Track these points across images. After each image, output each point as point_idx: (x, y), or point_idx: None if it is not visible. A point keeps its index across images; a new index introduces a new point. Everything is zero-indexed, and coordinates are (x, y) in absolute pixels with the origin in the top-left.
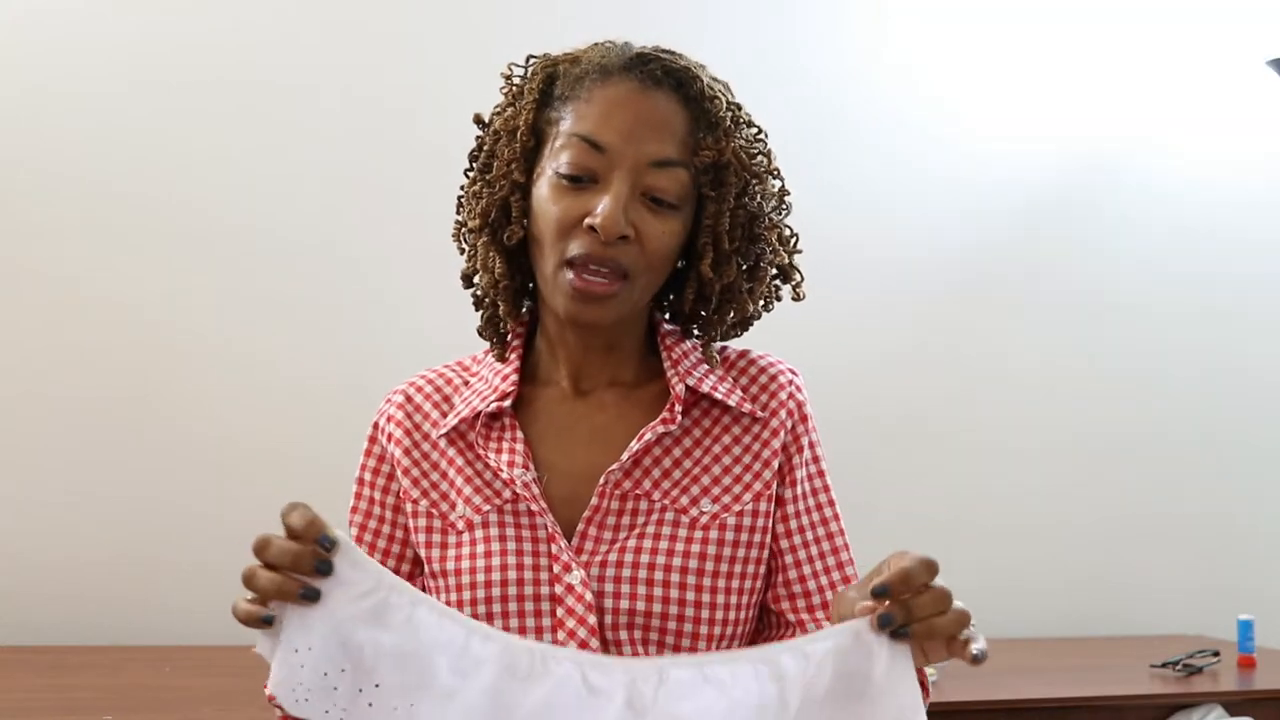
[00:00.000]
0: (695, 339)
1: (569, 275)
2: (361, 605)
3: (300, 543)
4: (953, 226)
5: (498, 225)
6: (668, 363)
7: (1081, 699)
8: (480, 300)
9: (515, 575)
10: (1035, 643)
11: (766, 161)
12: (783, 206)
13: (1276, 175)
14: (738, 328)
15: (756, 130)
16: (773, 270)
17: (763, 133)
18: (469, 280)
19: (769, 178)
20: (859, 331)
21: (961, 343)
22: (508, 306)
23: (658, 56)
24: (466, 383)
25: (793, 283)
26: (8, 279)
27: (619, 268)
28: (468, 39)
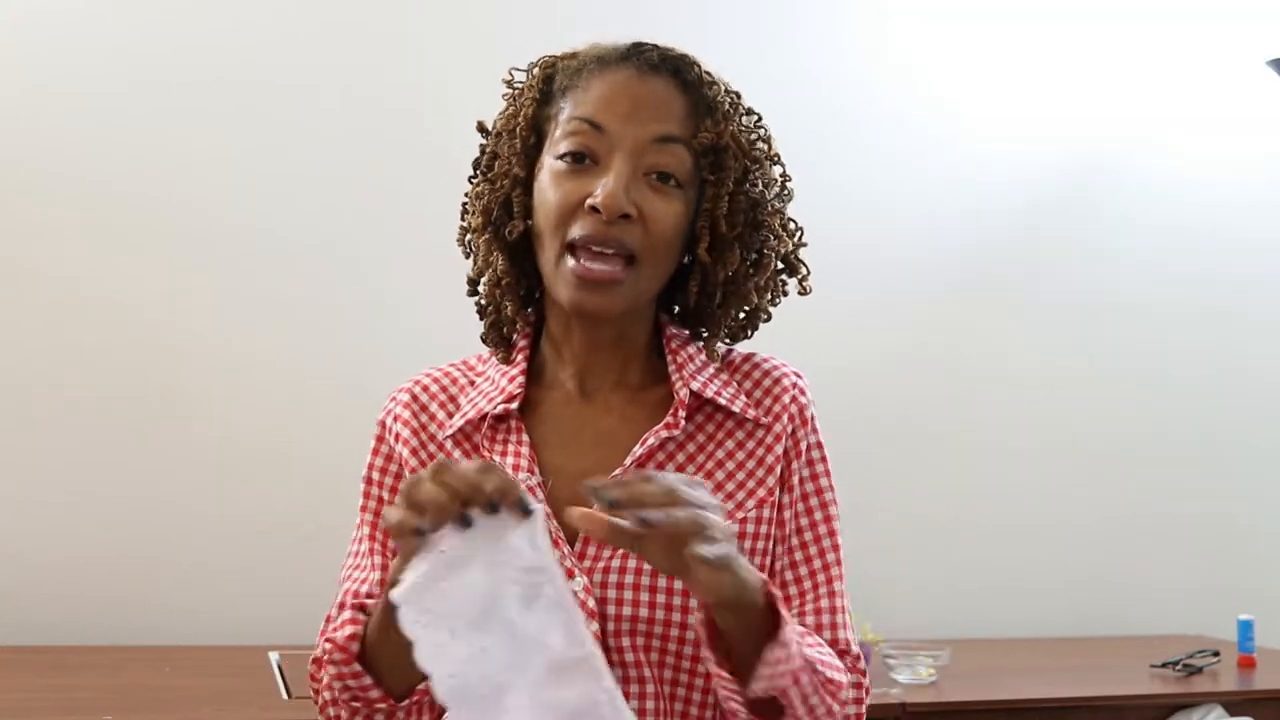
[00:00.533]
0: (702, 339)
1: (571, 263)
2: (518, 579)
3: (500, 502)
4: (953, 226)
5: (500, 222)
6: (672, 367)
7: (1081, 699)
8: (484, 308)
9: None
10: (1035, 643)
11: (767, 148)
12: (785, 193)
13: (1276, 175)
14: (746, 326)
15: (756, 117)
16: (777, 262)
17: (761, 119)
18: (474, 285)
19: (769, 163)
20: (859, 331)
21: (961, 343)
22: (514, 306)
23: (655, 45)
24: (472, 383)
25: (799, 276)
26: (8, 279)
27: (623, 248)
28: (468, 39)
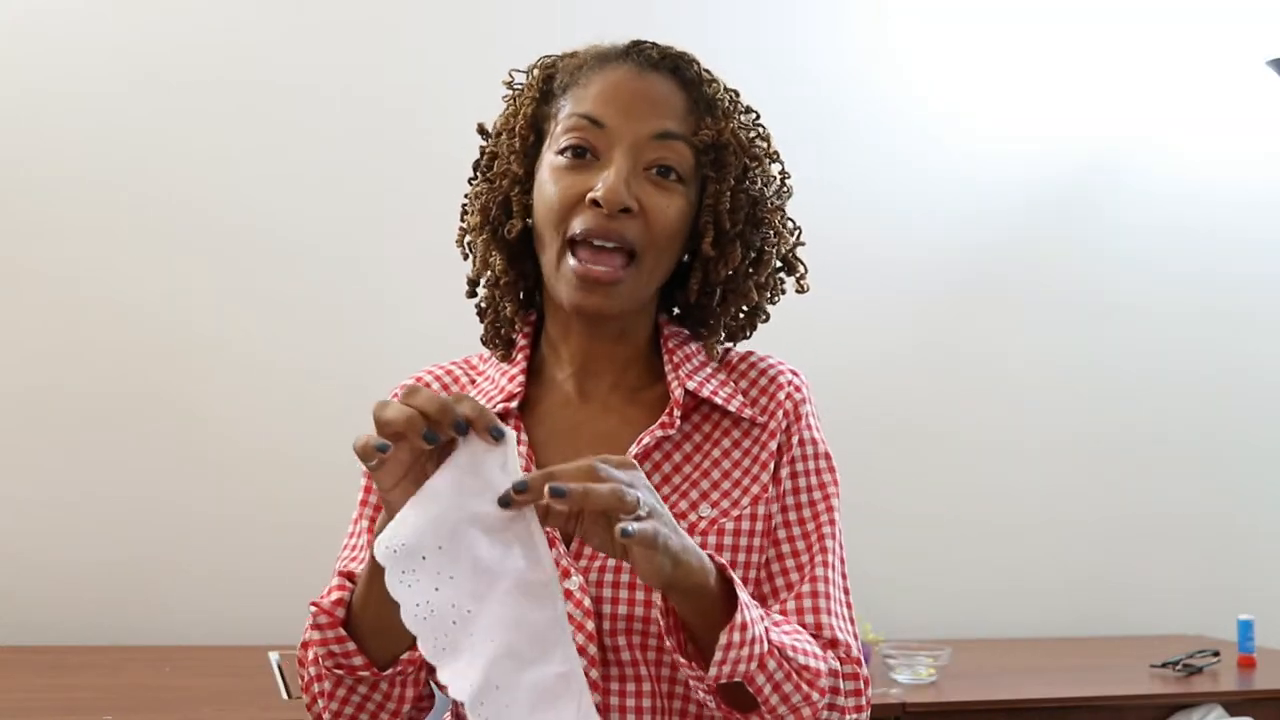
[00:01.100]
0: (702, 338)
1: (573, 262)
2: (484, 507)
3: (471, 425)
4: (953, 226)
5: (498, 221)
6: (669, 366)
7: (1081, 699)
8: (484, 310)
9: None
10: (1035, 643)
11: (766, 145)
12: (784, 190)
13: (1276, 175)
14: (745, 325)
15: (755, 115)
16: (776, 260)
17: (760, 118)
18: (474, 288)
19: (768, 161)
20: (859, 331)
21: (961, 343)
22: (513, 306)
23: (654, 44)
24: (473, 381)
25: (796, 274)
26: (8, 279)
27: (625, 242)
28: (468, 39)
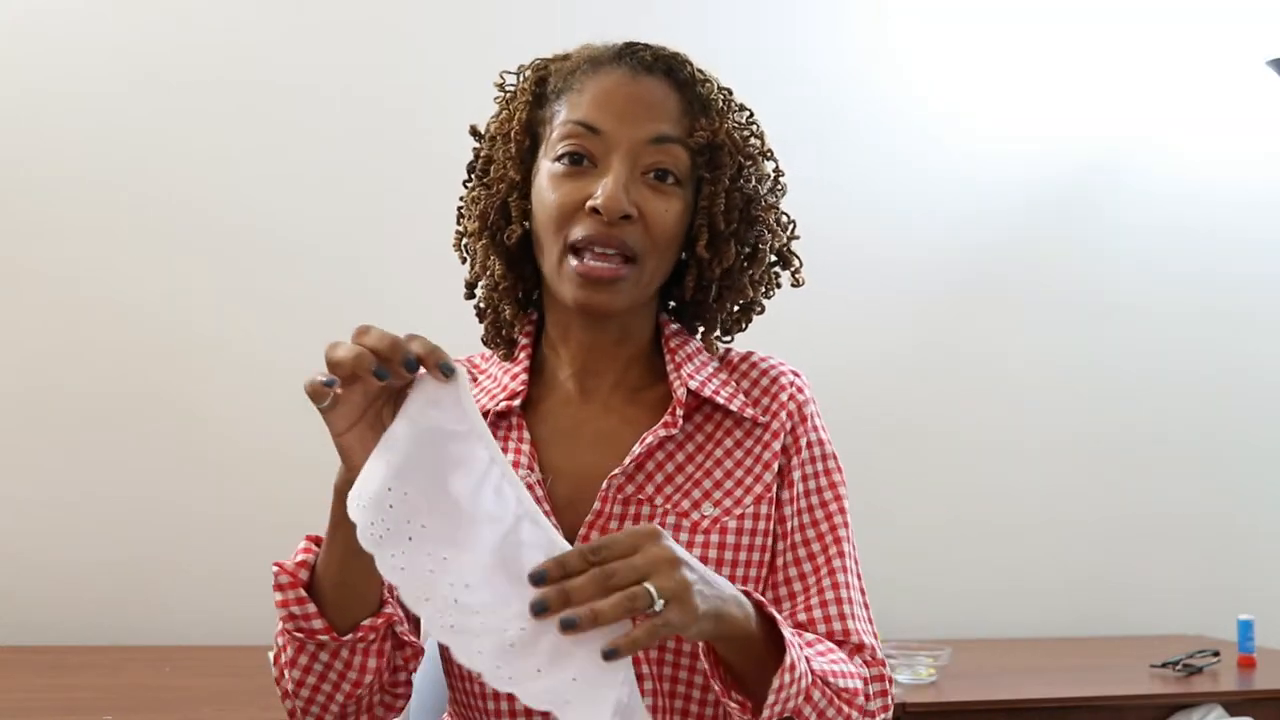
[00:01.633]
0: (700, 333)
1: (574, 262)
2: (448, 443)
3: (422, 362)
4: (953, 226)
5: (496, 227)
6: (671, 366)
7: (1081, 699)
8: (483, 310)
9: None
10: (1035, 643)
11: (760, 144)
12: (779, 188)
13: (1276, 175)
14: (741, 319)
15: (749, 114)
16: (771, 255)
17: (754, 116)
18: (472, 290)
19: (762, 159)
20: (858, 331)
21: (961, 343)
22: (512, 309)
23: (647, 45)
24: (475, 379)
25: (792, 268)
26: (8, 279)
27: (625, 248)
28: (468, 39)
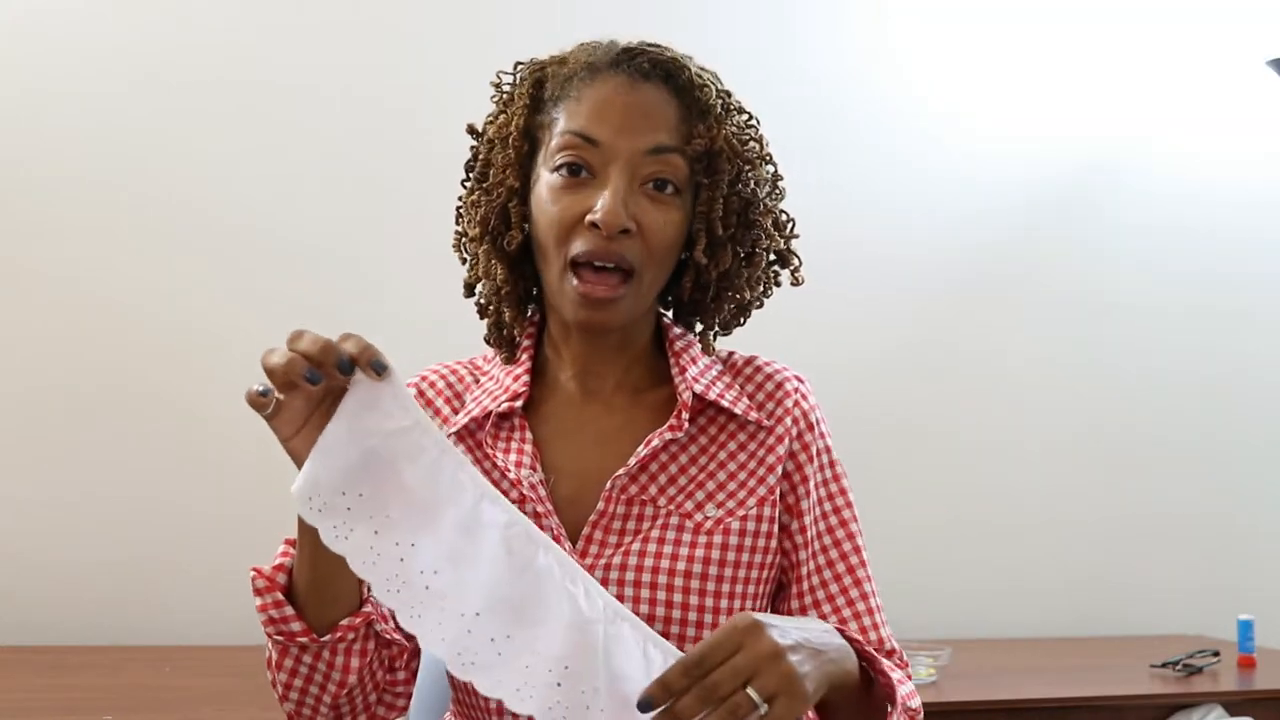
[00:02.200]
0: (697, 331)
1: (574, 281)
2: (392, 440)
3: (355, 362)
4: (953, 226)
5: (497, 233)
6: (675, 369)
7: (1081, 699)
8: (484, 309)
9: None
10: (1035, 643)
11: (759, 147)
12: (776, 191)
13: (1276, 175)
14: (738, 316)
15: (747, 116)
16: (770, 256)
17: (753, 118)
18: (471, 289)
19: (761, 163)
20: (858, 331)
21: (961, 342)
22: (513, 312)
23: (644, 50)
24: (478, 380)
25: (791, 268)
26: (8, 279)
27: (624, 263)
28: (468, 39)
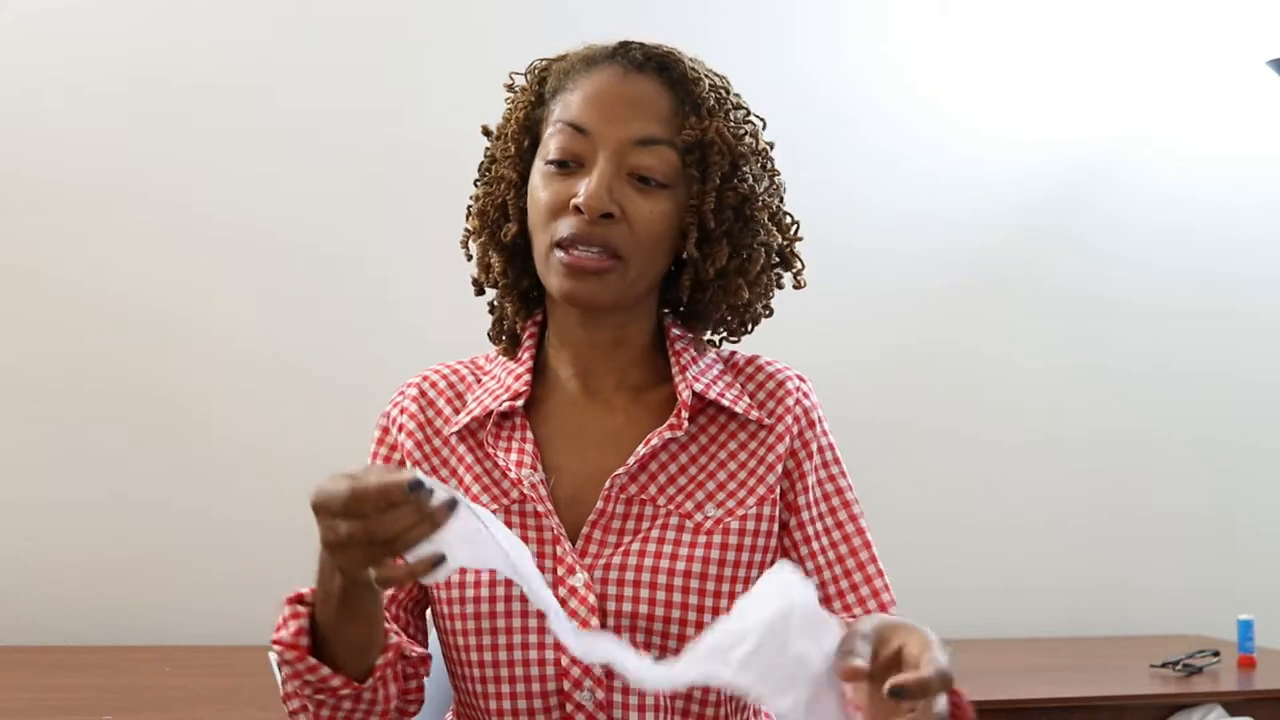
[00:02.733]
0: (704, 337)
1: (560, 254)
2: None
3: (400, 509)
4: (953, 226)
5: (496, 224)
6: (676, 368)
7: (1081, 699)
8: (493, 305)
9: None
10: (1035, 643)
11: (755, 143)
12: (774, 188)
13: (1276, 175)
14: (744, 321)
15: (745, 113)
16: (770, 256)
17: (751, 114)
18: (480, 287)
19: (757, 159)
20: (858, 331)
21: (961, 343)
22: (514, 306)
23: (641, 44)
24: (479, 380)
25: (793, 270)
26: (7, 279)
27: (608, 246)
28: (468, 39)
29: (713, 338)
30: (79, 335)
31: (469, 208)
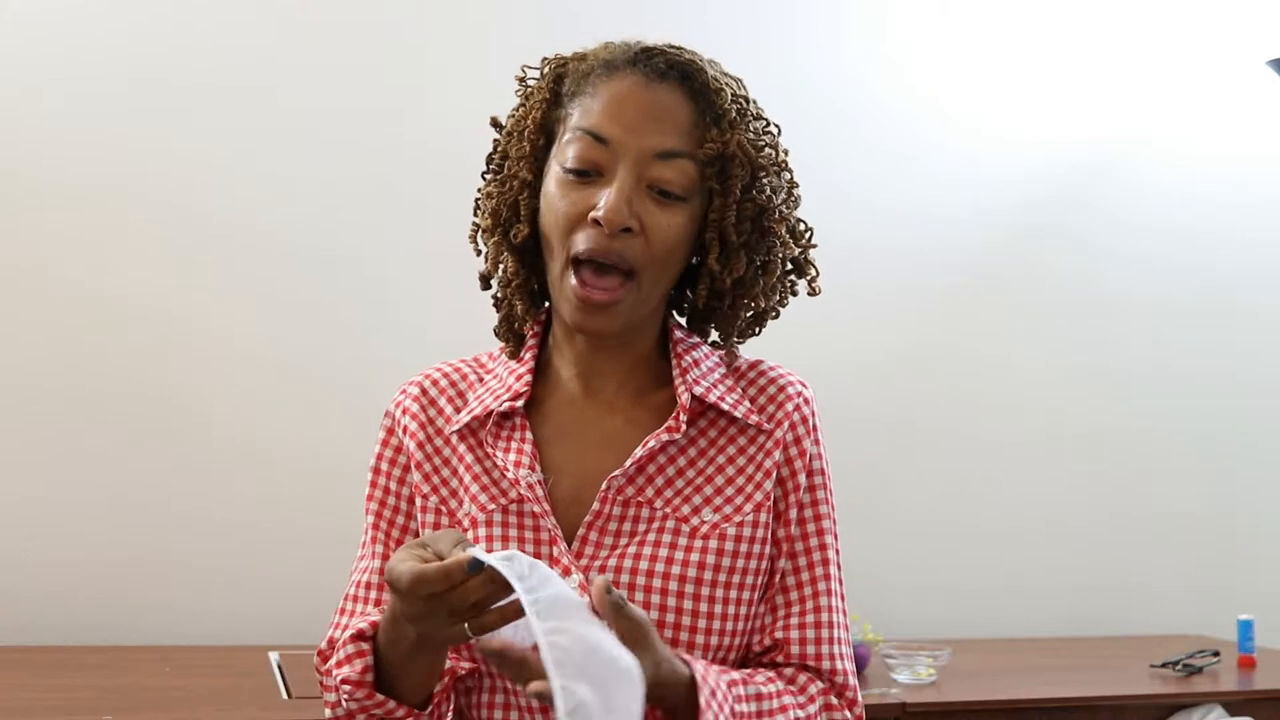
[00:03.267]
0: (712, 342)
1: (573, 282)
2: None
3: (470, 584)
4: (953, 227)
5: (508, 224)
6: (676, 371)
7: (1081, 699)
8: (499, 302)
9: None
10: (1035, 643)
11: (774, 154)
12: (792, 199)
13: (1276, 175)
14: (754, 324)
15: (764, 123)
16: (786, 264)
17: (770, 125)
18: (486, 282)
19: (776, 170)
20: (858, 331)
21: (962, 343)
22: (524, 305)
23: (663, 50)
24: (481, 379)
25: (808, 277)
26: (7, 279)
27: (624, 261)
28: (468, 39)
29: (719, 339)
30: (79, 335)
31: (477, 201)
